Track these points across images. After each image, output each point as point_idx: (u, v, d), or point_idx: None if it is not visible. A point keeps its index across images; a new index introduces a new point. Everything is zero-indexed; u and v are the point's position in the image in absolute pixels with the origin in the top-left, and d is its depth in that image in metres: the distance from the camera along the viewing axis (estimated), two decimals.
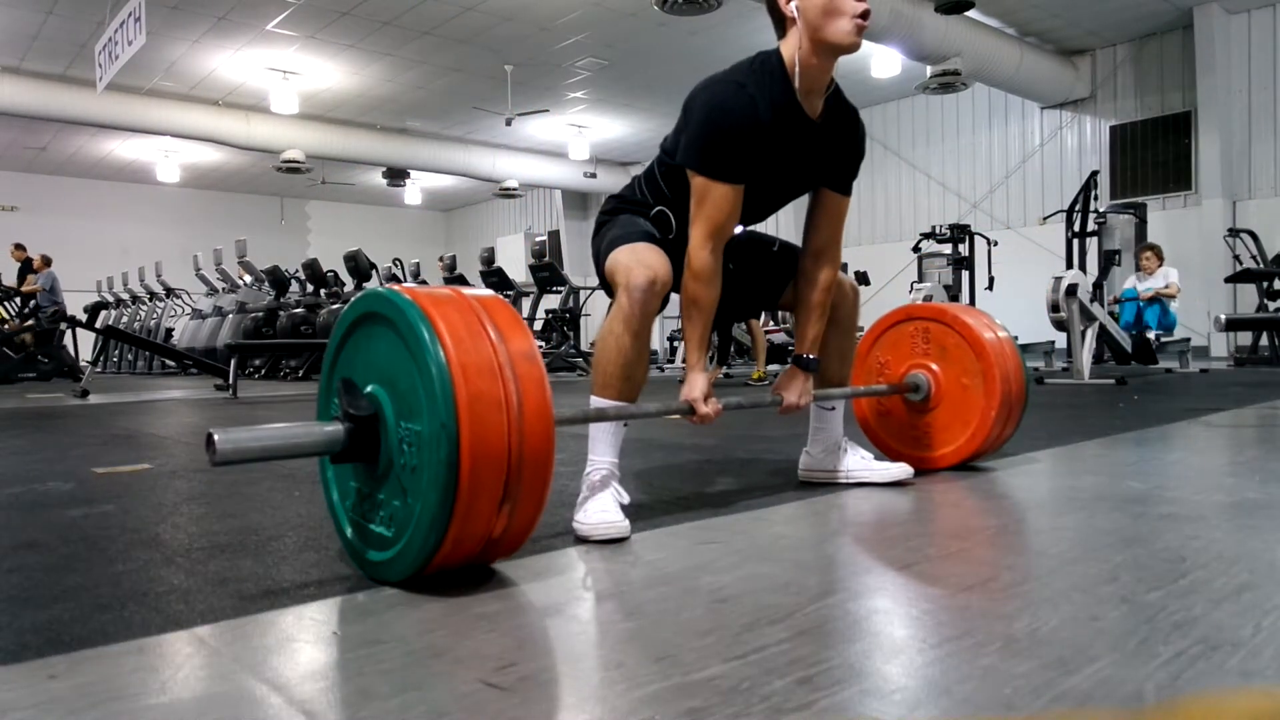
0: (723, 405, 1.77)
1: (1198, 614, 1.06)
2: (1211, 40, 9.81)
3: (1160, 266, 7.59)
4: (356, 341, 1.36)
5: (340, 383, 1.32)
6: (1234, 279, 8.18)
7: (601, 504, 1.58)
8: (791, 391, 1.91)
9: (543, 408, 1.21)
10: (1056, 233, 8.91)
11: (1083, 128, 11.43)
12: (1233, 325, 8.15)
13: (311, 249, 17.45)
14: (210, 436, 1.18)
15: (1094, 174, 8.13)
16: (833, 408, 2.05)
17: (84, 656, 1.00)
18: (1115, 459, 2.51)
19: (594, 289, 9.51)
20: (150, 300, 13.39)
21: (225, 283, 12.41)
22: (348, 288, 10.30)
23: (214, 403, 5.61)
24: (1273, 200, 9.92)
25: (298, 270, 10.96)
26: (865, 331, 2.34)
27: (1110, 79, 11.14)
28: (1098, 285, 7.13)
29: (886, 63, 10.74)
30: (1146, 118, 10.81)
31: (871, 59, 10.71)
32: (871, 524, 1.72)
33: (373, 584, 1.27)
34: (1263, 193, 10.03)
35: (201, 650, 1.03)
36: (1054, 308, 5.90)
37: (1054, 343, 8.19)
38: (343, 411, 1.28)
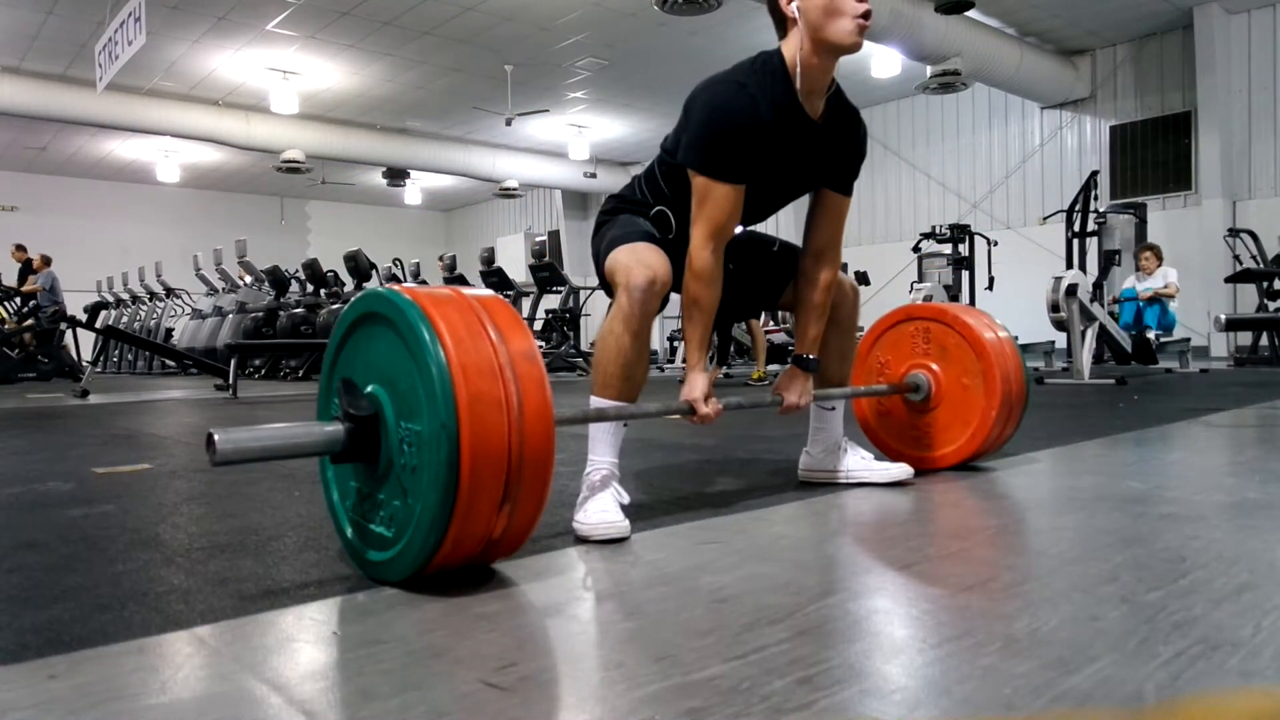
0: (723, 405, 1.77)
1: (1198, 614, 1.06)
2: (1211, 40, 9.81)
3: (1159, 266, 7.60)
4: (356, 341, 1.36)
5: (340, 383, 1.32)
6: (1234, 279, 8.19)
7: (601, 504, 1.58)
8: (792, 391, 1.91)
9: (543, 408, 1.21)
10: (1056, 233, 8.92)
11: (1083, 128, 11.43)
12: (1233, 325, 8.15)
13: (311, 249, 17.45)
14: (210, 436, 1.18)
15: (1094, 174, 8.14)
16: (833, 408, 2.05)
17: (84, 656, 1.00)
18: (1115, 459, 2.51)
19: (594, 289, 9.51)
20: (150, 300, 13.40)
21: (225, 283, 12.41)
22: (348, 288, 10.30)
23: (214, 403, 5.61)
24: (1273, 200, 9.92)
25: (298, 270, 10.96)
26: (865, 331, 2.34)
27: (1110, 79, 11.14)
28: (1098, 285, 7.13)
29: (886, 63, 10.74)
30: (1146, 118, 10.81)
31: (871, 59, 10.72)
32: (871, 524, 1.72)
33: (373, 584, 1.27)
34: (1263, 193, 10.03)
35: (201, 650, 1.03)
36: (1054, 308, 5.91)
37: (1054, 343, 8.19)
38: (343, 411, 1.28)
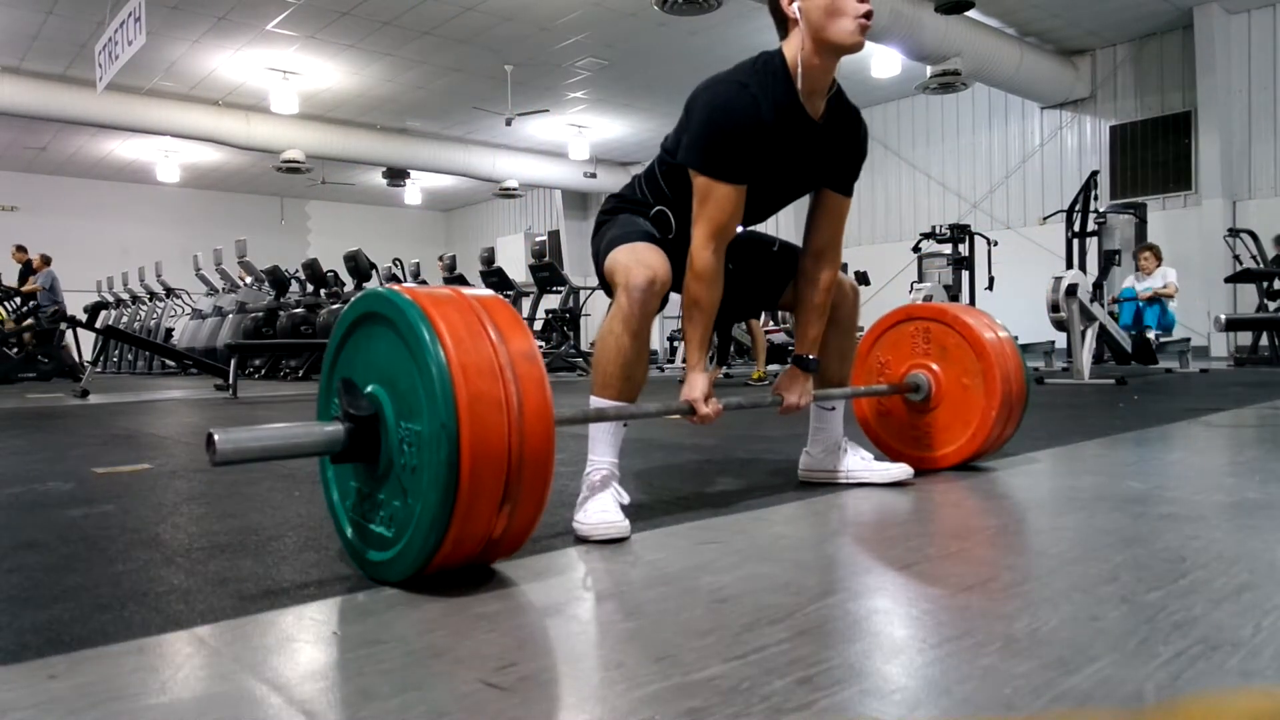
0: (723, 405, 1.77)
1: (1198, 614, 1.06)
2: (1211, 40, 9.81)
3: (1159, 266, 7.60)
4: (356, 341, 1.36)
5: (340, 383, 1.32)
6: (1234, 279, 8.19)
7: (601, 504, 1.58)
8: (792, 392, 1.91)
9: (543, 408, 1.21)
10: (1056, 233, 8.92)
11: (1083, 128, 11.43)
12: (1233, 325, 8.15)
13: (311, 249, 17.45)
14: (210, 436, 1.18)
15: (1094, 174, 8.14)
16: (833, 408, 2.05)
17: (84, 656, 0.99)
18: (1115, 459, 2.51)
19: (594, 289, 9.51)
20: (150, 300, 13.39)
21: (225, 283, 12.41)
22: (348, 288, 10.30)
23: (214, 403, 5.61)
24: (1273, 200, 9.93)
25: (298, 270, 10.96)
26: (865, 331, 2.34)
27: (1110, 79, 11.14)
28: (1098, 285, 7.13)
29: (886, 63, 10.74)
30: (1146, 118, 10.81)
31: (871, 59, 10.72)
32: (871, 524, 1.72)
33: (373, 584, 1.27)
34: (1263, 193, 10.03)
35: (201, 650, 1.03)
36: (1054, 308, 5.91)
37: (1054, 343, 8.19)
38: (343, 411, 1.28)
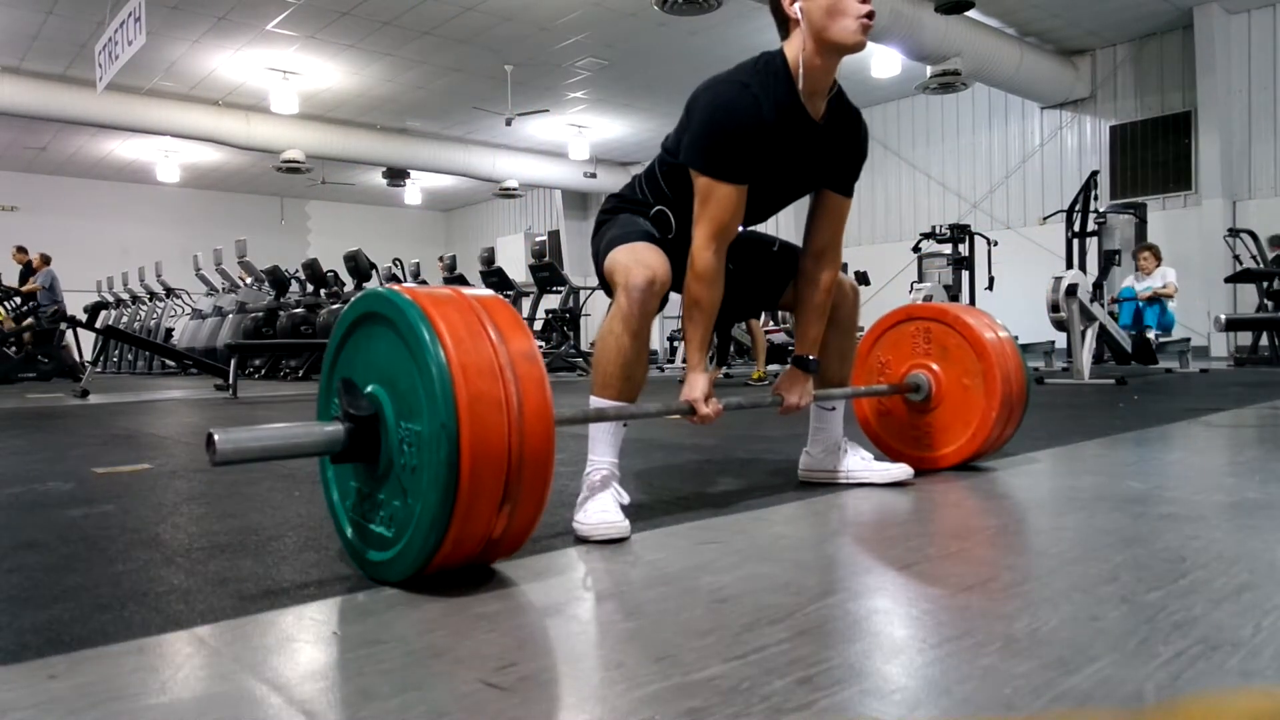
0: (723, 405, 1.77)
1: (1198, 614, 1.06)
2: (1211, 40, 9.81)
3: (1158, 266, 7.59)
4: (356, 341, 1.36)
5: (340, 383, 1.32)
6: (1234, 279, 8.19)
7: (601, 504, 1.58)
8: (792, 392, 1.91)
9: (543, 408, 1.21)
10: (1056, 233, 8.92)
11: (1083, 128, 11.43)
12: (1233, 325, 8.15)
13: (311, 249, 17.45)
14: (210, 436, 1.18)
15: (1094, 174, 8.13)
16: (833, 408, 2.05)
17: (84, 656, 0.99)
18: (1115, 459, 2.51)
19: (594, 289, 9.51)
20: (150, 300, 13.40)
21: (225, 283, 12.41)
22: (348, 288, 10.30)
23: (214, 403, 5.61)
24: (1273, 200, 9.93)
25: (298, 270, 10.96)
26: (866, 331, 2.34)
27: (1110, 79, 11.14)
28: (1098, 285, 7.13)
29: (886, 63, 10.74)
30: (1146, 118, 10.81)
31: (871, 59, 10.72)
32: (871, 524, 1.72)
33: (373, 584, 1.27)
34: (1263, 193, 10.03)
35: (201, 650, 1.03)
36: (1054, 308, 5.91)
37: (1054, 343, 8.19)
38: (343, 411, 1.28)
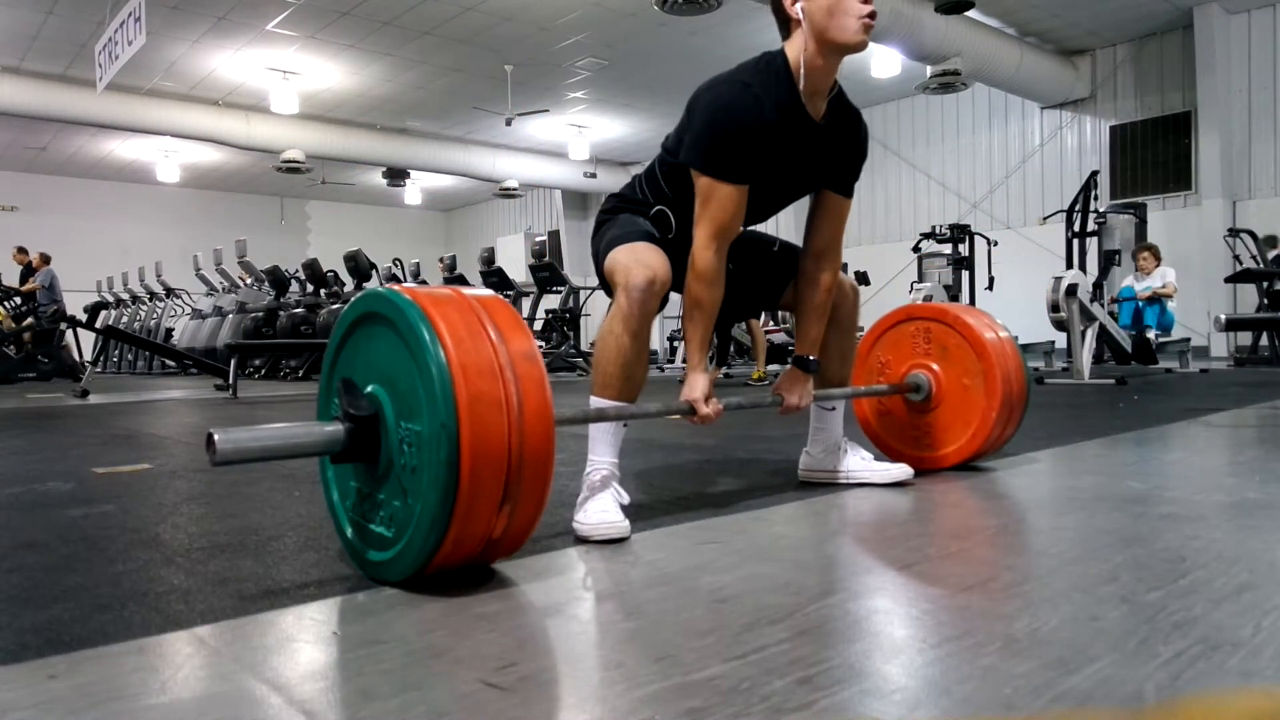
0: (723, 405, 1.77)
1: (1198, 614, 1.06)
2: (1211, 40, 9.81)
3: (1158, 266, 7.59)
4: (356, 341, 1.36)
5: (340, 383, 1.32)
6: (1234, 279, 8.19)
7: (601, 504, 1.58)
8: (792, 392, 1.91)
9: (543, 408, 1.21)
10: (1056, 233, 8.92)
11: (1083, 128, 11.43)
12: (1233, 325, 8.15)
13: (311, 249, 17.45)
14: (210, 436, 1.18)
15: (1094, 174, 8.14)
16: (833, 408, 2.05)
17: (84, 656, 0.99)
18: (1115, 459, 2.51)
19: (594, 289, 9.51)
20: (150, 300, 13.40)
21: (225, 283, 12.41)
22: (348, 288, 10.30)
23: (214, 403, 5.61)
24: (1273, 200, 9.93)
25: (298, 270, 10.96)
26: (866, 331, 2.34)
27: (1110, 79, 11.14)
28: (1098, 285, 7.13)
29: (886, 63, 10.74)
30: (1146, 118, 10.81)
31: (871, 59, 10.72)
32: (871, 524, 1.72)
33: (373, 584, 1.27)
34: (1263, 193, 10.03)
35: (201, 650, 1.03)
36: (1054, 308, 5.91)
37: (1054, 343, 8.19)
38: (343, 411, 1.28)
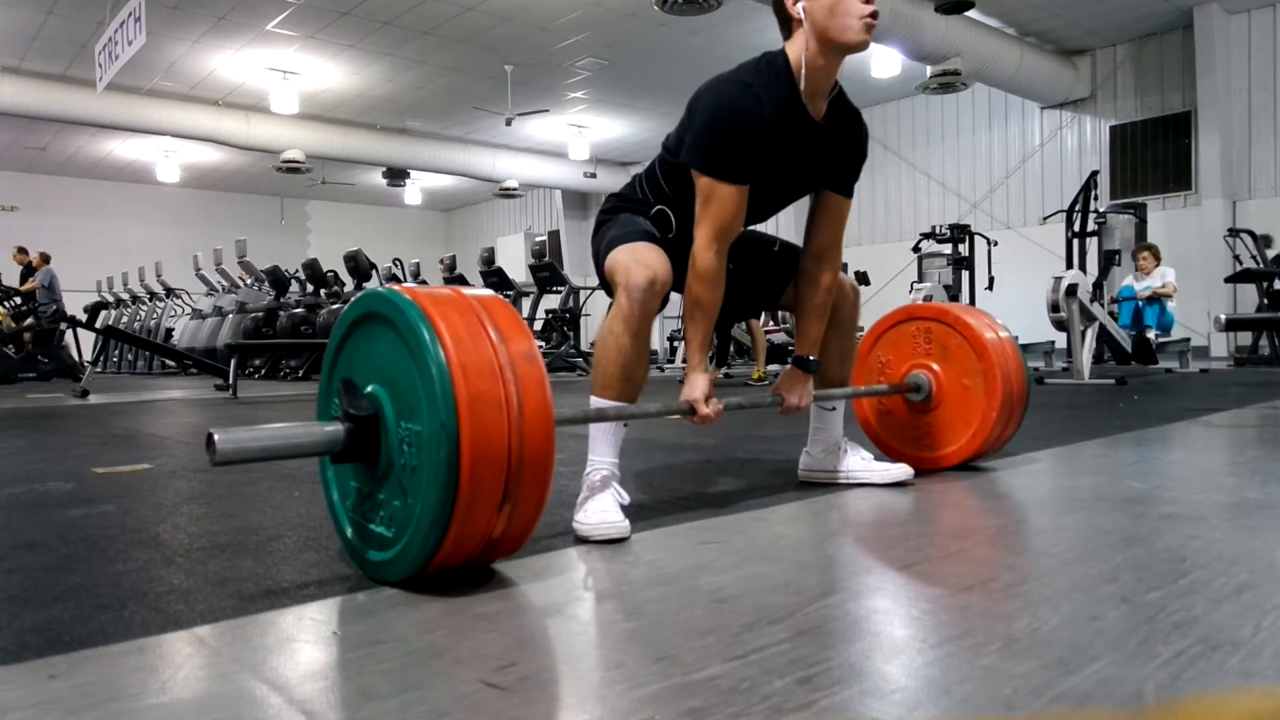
0: (723, 405, 1.77)
1: (1198, 614, 1.06)
2: (1211, 40, 9.81)
3: (1157, 266, 7.59)
4: (356, 341, 1.36)
5: (340, 383, 1.32)
6: (1234, 279, 8.19)
7: (601, 504, 1.58)
8: (792, 392, 1.91)
9: (543, 408, 1.21)
10: (1056, 233, 8.92)
11: (1083, 128, 11.43)
12: (1233, 325, 8.15)
13: (311, 249, 17.45)
14: (210, 436, 1.18)
15: (1094, 174, 8.13)
16: (833, 408, 2.05)
17: (84, 656, 0.99)
18: (1115, 459, 2.51)
19: (594, 289, 9.51)
20: (150, 300, 13.40)
21: (225, 283, 12.41)
22: (348, 288, 10.30)
23: (214, 403, 5.61)
24: (1273, 200, 9.92)
25: (298, 270, 10.96)
26: (866, 331, 2.34)
27: (1110, 79, 11.14)
28: (1098, 285, 7.13)
29: (886, 63, 10.74)
30: (1146, 118, 10.81)
31: (871, 59, 10.71)
32: (871, 524, 1.72)
33: (373, 584, 1.27)
34: (1263, 193, 10.03)
35: (201, 650, 1.03)
36: (1054, 308, 5.90)
37: (1054, 343, 8.19)
38: (343, 411, 1.28)
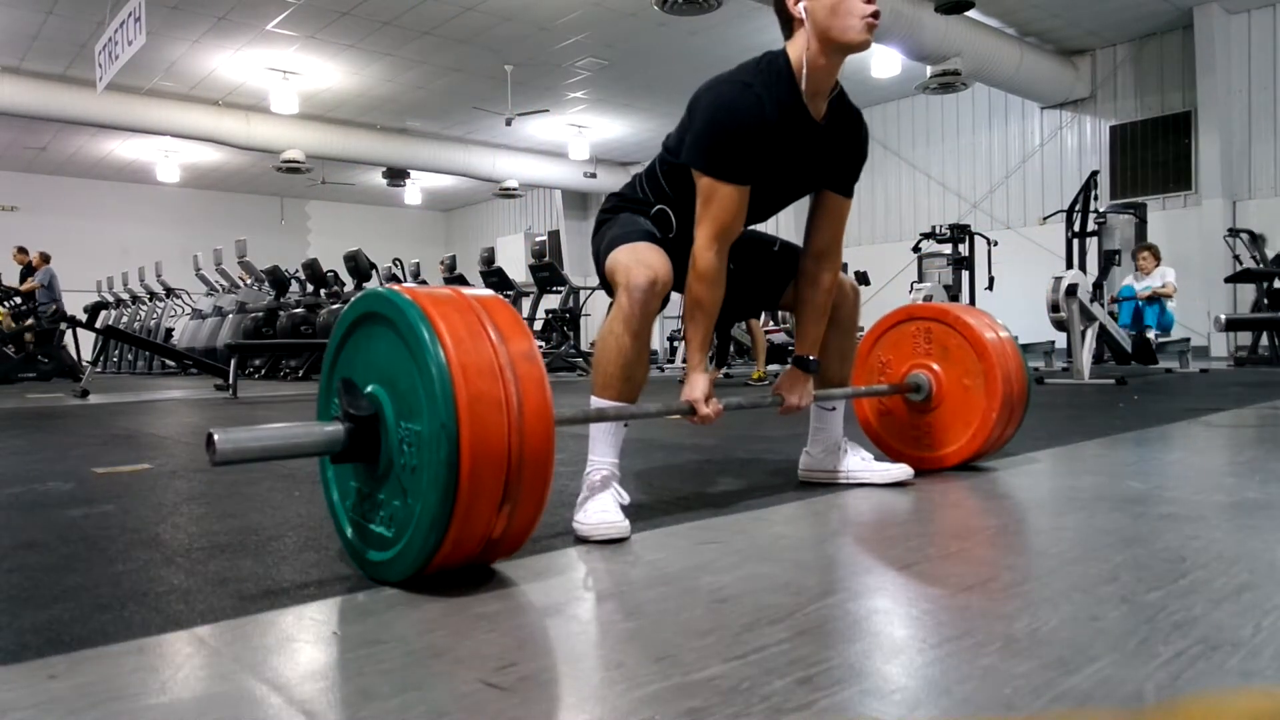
0: (723, 405, 1.77)
1: (1198, 614, 1.06)
2: (1211, 40, 9.81)
3: (1157, 266, 7.59)
4: (356, 341, 1.36)
5: (340, 383, 1.32)
6: (1234, 279, 8.19)
7: (601, 504, 1.58)
8: (792, 392, 1.91)
9: (543, 408, 1.21)
10: (1056, 233, 8.92)
11: (1083, 128, 11.43)
12: (1233, 325, 8.15)
13: (311, 249, 17.45)
14: (210, 436, 1.18)
15: (1094, 174, 8.13)
16: (833, 408, 2.05)
17: (84, 656, 0.99)
18: (1115, 459, 2.51)
19: (594, 289, 9.52)
20: (150, 300, 13.40)
21: (225, 283, 12.41)
22: (348, 288, 10.30)
23: (214, 403, 5.61)
24: (1273, 200, 9.92)
25: (298, 270, 10.96)
26: (866, 331, 2.34)
27: (1110, 79, 11.14)
28: (1098, 285, 7.13)
29: (886, 63, 10.74)
30: (1146, 118, 10.81)
31: (871, 59, 10.71)
32: (871, 524, 1.72)
33: (373, 584, 1.27)
34: (1263, 193, 10.03)
35: (201, 650, 1.03)
36: (1054, 308, 5.90)
37: (1054, 343, 8.19)
38: (343, 411, 1.28)
